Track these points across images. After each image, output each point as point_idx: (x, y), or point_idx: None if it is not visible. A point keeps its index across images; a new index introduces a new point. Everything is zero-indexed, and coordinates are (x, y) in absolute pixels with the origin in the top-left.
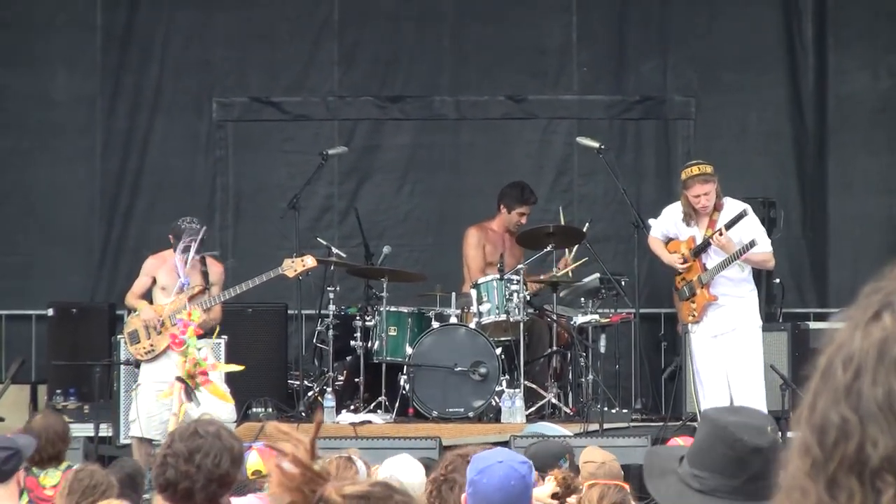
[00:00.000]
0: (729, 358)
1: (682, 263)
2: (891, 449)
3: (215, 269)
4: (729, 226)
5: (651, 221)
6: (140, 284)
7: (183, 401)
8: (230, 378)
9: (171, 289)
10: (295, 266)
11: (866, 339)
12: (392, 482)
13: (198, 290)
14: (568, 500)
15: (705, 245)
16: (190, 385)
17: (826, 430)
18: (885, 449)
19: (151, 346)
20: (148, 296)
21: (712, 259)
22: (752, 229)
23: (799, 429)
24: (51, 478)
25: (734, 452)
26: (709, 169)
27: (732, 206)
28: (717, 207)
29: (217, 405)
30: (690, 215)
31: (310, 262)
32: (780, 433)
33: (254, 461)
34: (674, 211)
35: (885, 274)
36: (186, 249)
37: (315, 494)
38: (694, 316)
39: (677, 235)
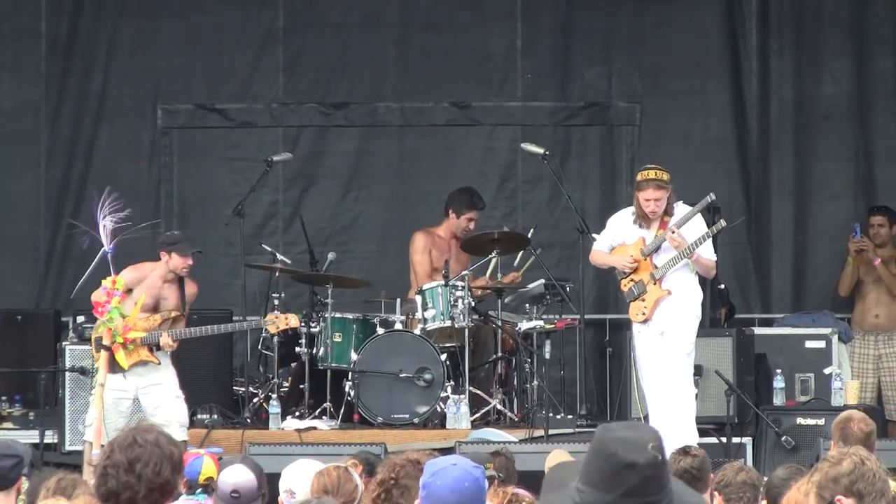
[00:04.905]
0: (665, 350)
1: (631, 263)
2: None
3: (190, 291)
4: (691, 215)
5: (594, 236)
6: None
7: (108, 371)
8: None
9: (148, 306)
10: (278, 323)
11: None
12: None
13: (174, 316)
14: None
15: (658, 245)
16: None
17: None
18: None
19: None
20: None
21: (662, 257)
22: (701, 228)
23: None
24: None
25: (608, 467)
26: (665, 176)
27: (683, 210)
28: (668, 212)
29: (172, 409)
30: (643, 216)
31: (293, 321)
32: (663, 451)
33: (208, 466)
34: (621, 217)
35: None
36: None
37: None
38: (644, 314)
39: (623, 241)
